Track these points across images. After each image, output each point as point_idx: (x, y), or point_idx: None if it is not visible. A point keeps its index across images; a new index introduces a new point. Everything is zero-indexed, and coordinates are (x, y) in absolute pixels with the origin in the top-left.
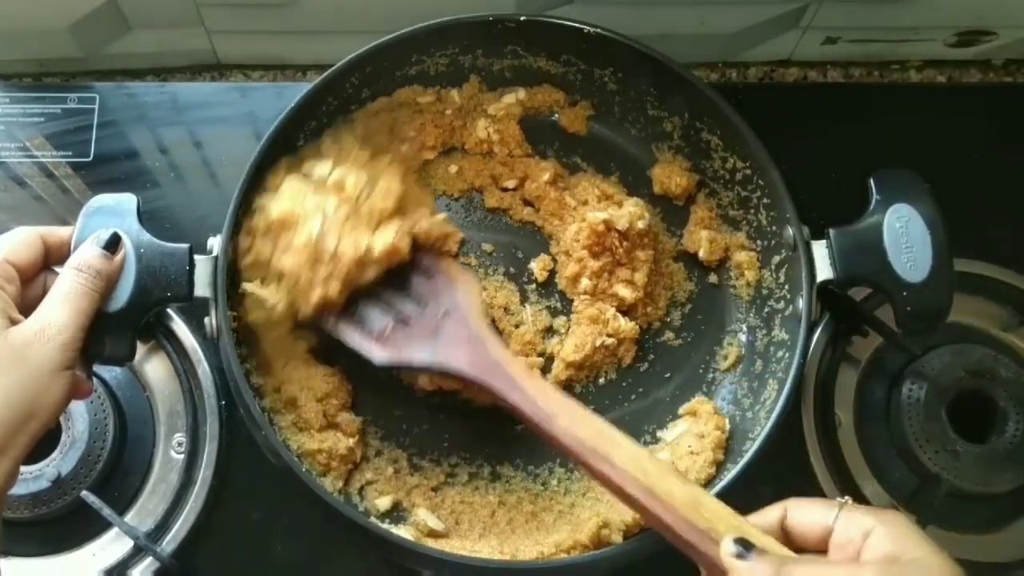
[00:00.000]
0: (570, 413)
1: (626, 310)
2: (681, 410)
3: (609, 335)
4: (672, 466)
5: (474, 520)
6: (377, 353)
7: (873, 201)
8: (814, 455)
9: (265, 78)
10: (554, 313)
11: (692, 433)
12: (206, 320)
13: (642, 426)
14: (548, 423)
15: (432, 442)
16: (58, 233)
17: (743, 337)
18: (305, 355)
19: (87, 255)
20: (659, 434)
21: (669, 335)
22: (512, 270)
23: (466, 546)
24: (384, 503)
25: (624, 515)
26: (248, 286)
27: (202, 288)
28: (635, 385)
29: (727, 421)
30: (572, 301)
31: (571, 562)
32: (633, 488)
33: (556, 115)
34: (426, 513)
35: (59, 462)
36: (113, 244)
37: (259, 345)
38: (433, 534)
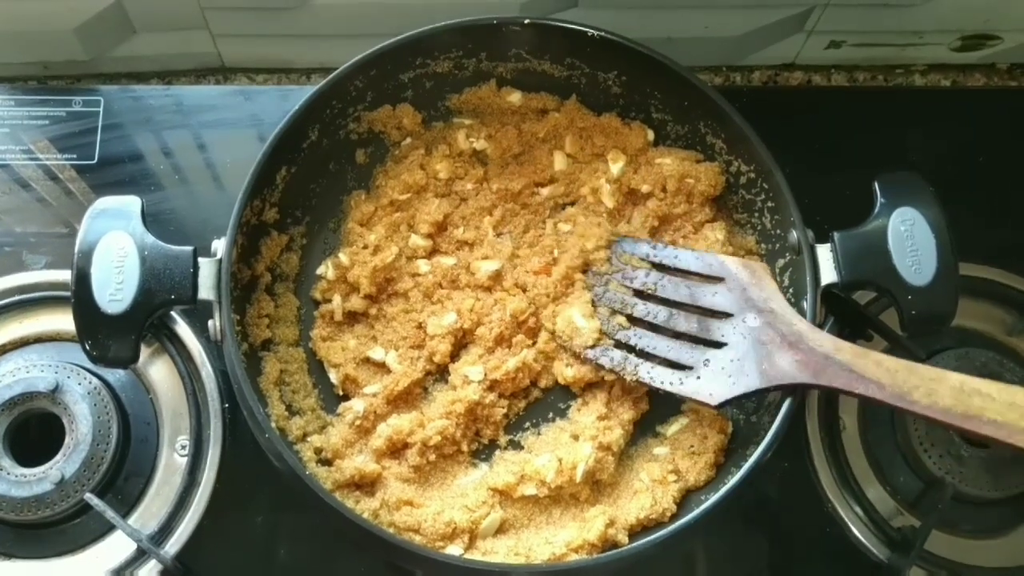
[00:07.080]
0: (923, 384)
1: None
2: (684, 406)
3: None
4: None
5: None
6: (711, 398)
7: (878, 204)
8: (818, 459)
9: (269, 81)
10: None
11: (694, 432)
12: (210, 323)
13: (645, 428)
14: (906, 404)
15: None
16: None
17: None
18: None
19: None
20: (659, 428)
21: None
22: None
23: (484, 545)
24: None
25: (628, 515)
26: None
27: (206, 291)
28: (638, 388)
29: (730, 425)
30: None
31: (573, 566)
32: (1019, 438)
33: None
34: None
35: (62, 464)
36: None
37: None
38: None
